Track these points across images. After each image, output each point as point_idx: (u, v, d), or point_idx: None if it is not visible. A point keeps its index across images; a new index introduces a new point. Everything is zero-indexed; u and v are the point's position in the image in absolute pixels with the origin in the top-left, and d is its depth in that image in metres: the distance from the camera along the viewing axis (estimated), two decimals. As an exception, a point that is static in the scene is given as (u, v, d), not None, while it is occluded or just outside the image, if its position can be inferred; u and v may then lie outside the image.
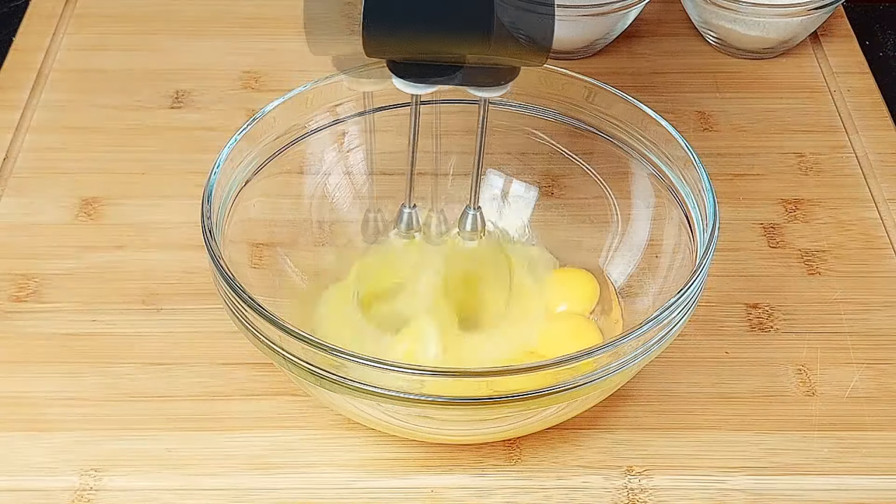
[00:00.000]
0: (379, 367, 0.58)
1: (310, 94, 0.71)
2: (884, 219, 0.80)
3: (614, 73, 0.90)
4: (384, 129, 0.74)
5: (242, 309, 0.61)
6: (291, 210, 0.73)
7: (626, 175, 0.73)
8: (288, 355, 0.60)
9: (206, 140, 0.84)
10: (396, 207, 0.69)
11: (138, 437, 0.67)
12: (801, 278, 0.76)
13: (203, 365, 0.70)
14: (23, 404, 0.68)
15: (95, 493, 0.64)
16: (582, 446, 0.67)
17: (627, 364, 0.60)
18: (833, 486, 0.65)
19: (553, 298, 0.70)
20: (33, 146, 0.84)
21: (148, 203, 0.80)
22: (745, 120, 0.87)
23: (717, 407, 0.69)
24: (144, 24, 0.95)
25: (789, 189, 0.82)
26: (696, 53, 0.93)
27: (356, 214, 0.74)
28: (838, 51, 0.93)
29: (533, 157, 0.75)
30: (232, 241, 0.67)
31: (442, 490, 0.65)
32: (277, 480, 0.65)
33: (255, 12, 0.96)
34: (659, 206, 0.71)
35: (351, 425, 0.67)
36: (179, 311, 0.73)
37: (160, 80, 0.90)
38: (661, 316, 0.60)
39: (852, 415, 0.68)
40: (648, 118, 0.70)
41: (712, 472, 0.65)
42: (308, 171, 0.73)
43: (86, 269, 0.76)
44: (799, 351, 0.72)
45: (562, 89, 0.73)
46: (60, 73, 0.90)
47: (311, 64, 0.87)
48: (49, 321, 0.72)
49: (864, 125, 0.86)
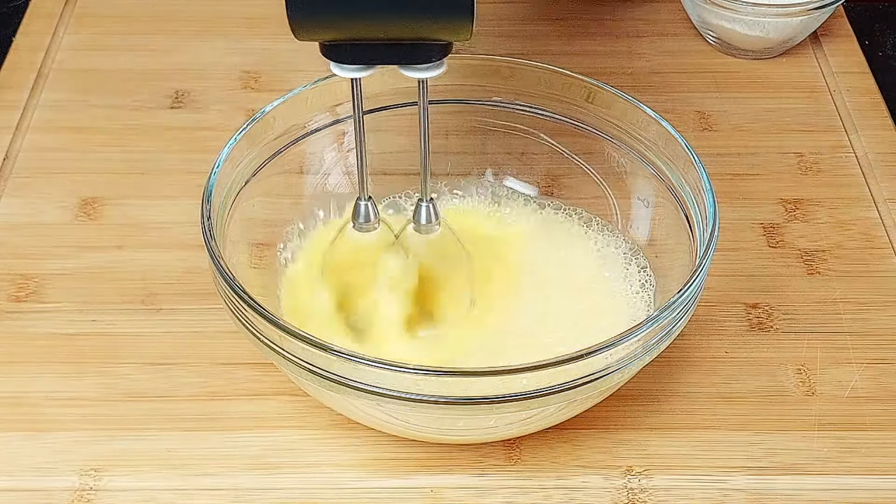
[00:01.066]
0: (379, 367, 0.58)
1: (310, 94, 0.71)
2: (884, 219, 0.80)
3: (614, 73, 0.90)
4: (385, 129, 0.74)
5: (242, 309, 0.61)
6: (291, 210, 0.73)
7: (626, 175, 0.73)
8: (288, 355, 0.60)
9: (206, 140, 0.84)
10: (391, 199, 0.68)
11: (138, 437, 0.67)
12: (800, 278, 0.76)
13: (203, 365, 0.70)
14: (23, 404, 0.68)
15: (95, 493, 0.64)
16: (582, 446, 0.67)
17: (627, 364, 0.60)
18: (833, 486, 0.65)
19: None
20: (33, 146, 0.84)
21: (148, 203, 0.80)
22: (745, 120, 0.87)
23: (717, 407, 0.69)
24: (144, 24, 0.95)
25: (789, 189, 0.82)
26: (696, 53, 0.93)
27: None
28: (838, 51, 0.93)
29: (533, 157, 0.75)
30: (232, 241, 0.67)
31: (442, 490, 0.65)
32: (277, 480, 0.65)
33: (255, 12, 0.96)
34: (659, 206, 0.71)
35: (351, 425, 0.67)
36: (179, 311, 0.73)
37: (160, 80, 0.90)
38: (660, 316, 0.60)
39: (852, 415, 0.68)
40: (648, 118, 0.70)
41: (712, 472, 0.65)
42: (308, 171, 0.73)
43: (86, 269, 0.76)
44: (799, 351, 0.72)
45: (562, 89, 0.73)
46: (60, 73, 0.90)
47: (311, 64, 0.88)
48: (49, 321, 0.72)
49: (863, 125, 0.86)
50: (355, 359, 0.58)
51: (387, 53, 0.59)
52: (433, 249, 0.67)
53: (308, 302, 0.69)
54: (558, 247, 0.73)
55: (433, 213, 0.66)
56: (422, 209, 0.66)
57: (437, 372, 0.58)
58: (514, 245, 0.74)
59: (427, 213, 0.66)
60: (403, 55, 0.59)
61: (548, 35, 0.94)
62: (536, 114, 0.74)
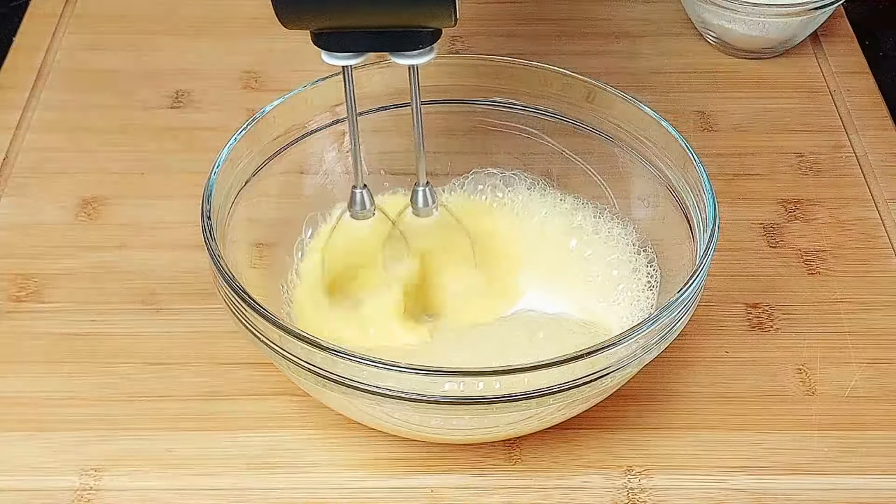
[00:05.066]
0: (379, 367, 0.58)
1: (310, 94, 0.71)
2: (884, 219, 0.80)
3: (614, 73, 0.90)
4: (385, 129, 0.74)
5: (242, 309, 0.61)
6: (291, 210, 0.73)
7: (626, 175, 0.73)
8: (288, 355, 0.60)
9: (206, 140, 0.84)
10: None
11: (138, 437, 0.67)
12: (800, 278, 0.76)
13: (203, 365, 0.70)
14: (23, 404, 0.68)
15: (95, 493, 0.64)
16: (582, 446, 0.67)
17: (627, 364, 0.60)
18: (833, 485, 0.65)
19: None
20: (33, 146, 0.84)
21: (148, 203, 0.80)
22: (745, 120, 0.87)
23: (717, 407, 0.69)
24: (144, 24, 0.95)
25: (789, 189, 0.82)
26: (696, 53, 0.93)
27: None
28: (838, 51, 0.93)
29: (533, 157, 0.75)
30: (232, 241, 0.67)
31: (442, 490, 0.65)
32: (277, 480, 0.65)
33: (255, 12, 0.96)
34: (659, 206, 0.71)
35: (351, 425, 0.67)
36: (179, 311, 0.73)
37: (160, 80, 0.90)
38: (661, 316, 0.60)
39: (852, 414, 0.68)
40: (648, 118, 0.70)
41: (712, 472, 0.65)
42: (308, 171, 0.73)
43: (86, 269, 0.76)
44: (799, 351, 0.72)
45: (562, 89, 0.73)
46: (60, 73, 0.90)
47: (311, 64, 0.88)
48: (49, 321, 0.72)
49: (863, 125, 0.86)
50: (355, 359, 0.58)
51: (376, 41, 0.59)
52: (432, 231, 0.68)
53: (316, 297, 0.70)
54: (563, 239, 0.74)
55: (430, 196, 0.67)
56: (419, 193, 0.67)
57: (437, 372, 0.58)
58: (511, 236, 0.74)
59: (424, 196, 0.67)
60: (392, 42, 0.59)
61: (548, 35, 0.94)
62: (536, 114, 0.74)
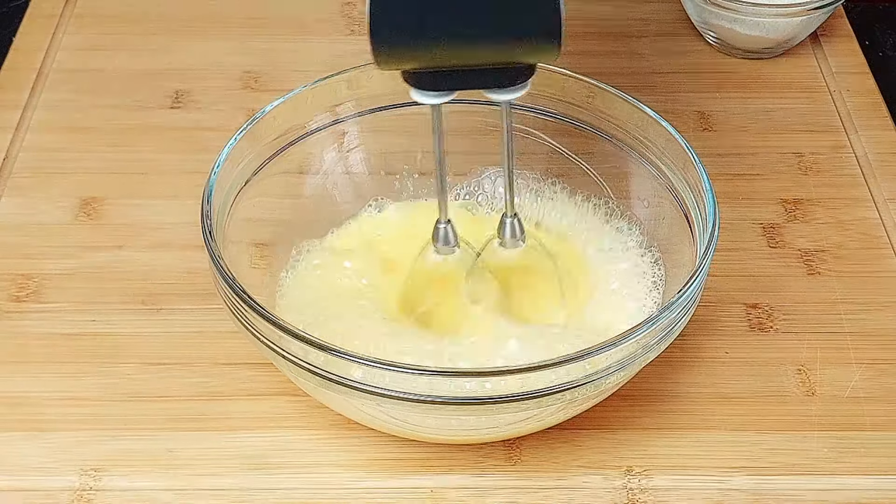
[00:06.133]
0: (379, 367, 0.58)
1: (310, 94, 0.71)
2: (884, 219, 0.80)
3: (614, 73, 0.90)
4: (385, 129, 0.74)
5: (242, 309, 0.61)
6: (291, 210, 0.73)
7: (626, 175, 0.73)
8: (288, 355, 0.60)
9: (206, 140, 0.84)
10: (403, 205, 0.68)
11: (138, 437, 0.67)
12: (800, 278, 0.76)
13: (203, 365, 0.70)
14: (23, 404, 0.68)
15: (95, 493, 0.64)
16: (582, 446, 0.67)
17: (627, 364, 0.60)
18: (833, 486, 0.65)
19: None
20: (33, 146, 0.84)
21: (148, 203, 0.80)
22: (745, 120, 0.87)
23: (717, 407, 0.69)
24: (144, 24, 0.95)
25: (789, 189, 0.82)
26: (696, 53, 0.93)
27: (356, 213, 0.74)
28: (838, 51, 0.93)
29: (533, 157, 0.75)
30: (232, 241, 0.67)
31: (442, 490, 0.65)
32: (277, 480, 0.65)
33: (255, 12, 0.96)
34: (659, 206, 0.71)
35: (351, 425, 0.67)
36: (179, 311, 0.73)
37: (160, 80, 0.89)
38: (661, 316, 0.60)
39: (852, 415, 0.68)
40: (648, 118, 0.70)
41: (712, 472, 0.65)
42: (308, 171, 0.73)
43: (86, 269, 0.76)
44: (799, 351, 0.72)
45: (562, 89, 0.73)
46: (60, 73, 0.90)
47: (312, 64, 0.88)
48: (49, 321, 0.72)
49: (863, 125, 0.86)
50: (355, 359, 0.58)
51: (472, 78, 0.58)
52: (518, 262, 0.67)
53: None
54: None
55: (518, 227, 0.66)
56: (506, 224, 0.66)
57: (436, 372, 0.58)
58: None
59: (512, 228, 0.66)
60: (490, 79, 0.58)
61: (548, 35, 0.94)
62: (536, 114, 0.74)
